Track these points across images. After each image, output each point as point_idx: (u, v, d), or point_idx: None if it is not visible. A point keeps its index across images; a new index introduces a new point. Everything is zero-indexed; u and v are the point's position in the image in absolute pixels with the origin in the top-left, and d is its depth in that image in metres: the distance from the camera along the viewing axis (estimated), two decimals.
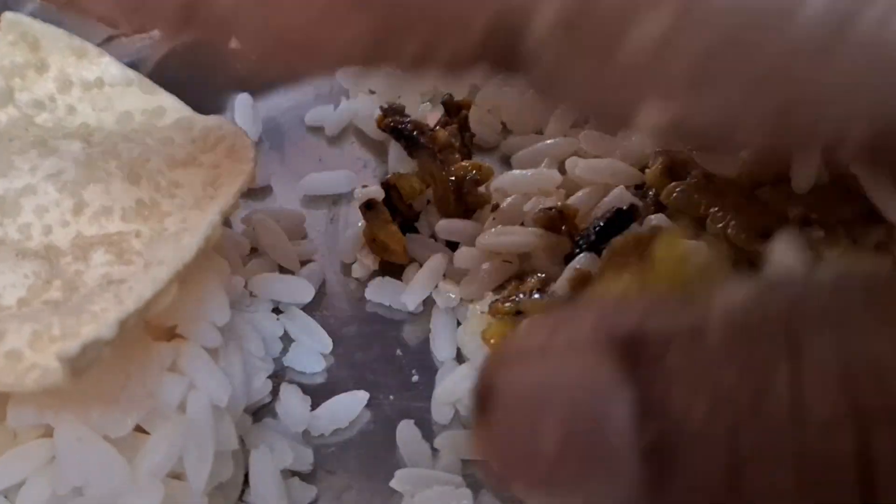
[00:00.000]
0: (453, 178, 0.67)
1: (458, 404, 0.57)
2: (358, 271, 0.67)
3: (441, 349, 0.61)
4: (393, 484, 0.54)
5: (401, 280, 0.66)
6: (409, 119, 0.72)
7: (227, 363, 0.54)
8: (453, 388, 0.57)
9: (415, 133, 0.69)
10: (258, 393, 0.58)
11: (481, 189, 0.69)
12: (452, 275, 0.65)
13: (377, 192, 0.68)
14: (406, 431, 0.57)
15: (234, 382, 0.53)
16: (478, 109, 0.77)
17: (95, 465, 0.47)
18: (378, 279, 0.66)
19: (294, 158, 0.77)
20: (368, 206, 0.67)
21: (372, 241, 0.67)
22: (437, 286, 0.63)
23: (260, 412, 0.59)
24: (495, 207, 0.67)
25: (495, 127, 0.77)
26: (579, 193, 0.65)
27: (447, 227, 0.66)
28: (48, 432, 0.48)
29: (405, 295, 0.63)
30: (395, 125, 0.70)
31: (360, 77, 0.80)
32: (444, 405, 0.58)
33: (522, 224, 0.64)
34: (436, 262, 0.64)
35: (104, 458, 0.47)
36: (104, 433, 0.47)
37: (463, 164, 0.68)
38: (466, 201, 0.68)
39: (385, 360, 0.63)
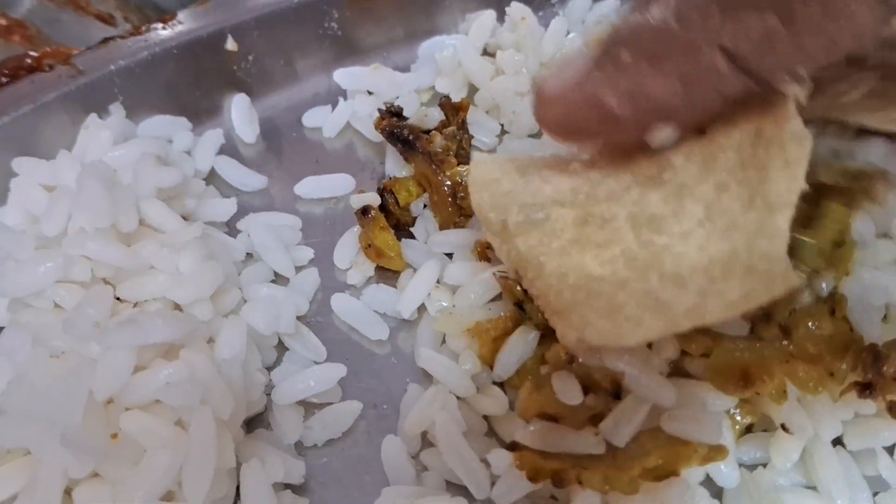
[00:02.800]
0: (449, 183, 0.67)
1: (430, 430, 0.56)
2: (354, 277, 0.67)
3: (421, 356, 0.60)
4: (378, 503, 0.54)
5: (396, 287, 0.65)
6: (406, 123, 0.71)
7: (230, 376, 0.54)
8: (420, 418, 0.56)
9: (411, 137, 0.68)
10: (255, 406, 0.58)
11: None
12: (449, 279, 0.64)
13: (373, 199, 0.68)
14: (390, 447, 0.56)
15: (235, 395, 0.53)
16: (476, 111, 0.76)
17: None
18: (373, 286, 0.66)
19: (291, 160, 0.77)
20: (364, 213, 0.67)
21: (367, 247, 0.67)
22: (429, 294, 0.63)
23: (253, 423, 0.58)
24: None
25: (493, 129, 0.76)
26: None
27: (442, 239, 0.65)
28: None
29: (400, 303, 0.63)
30: (392, 129, 0.69)
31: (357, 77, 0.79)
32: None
33: None
34: (429, 269, 0.63)
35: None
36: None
37: (458, 168, 0.68)
38: (462, 206, 0.68)
39: (380, 369, 0.62)
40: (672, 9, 0.41)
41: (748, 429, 0.55)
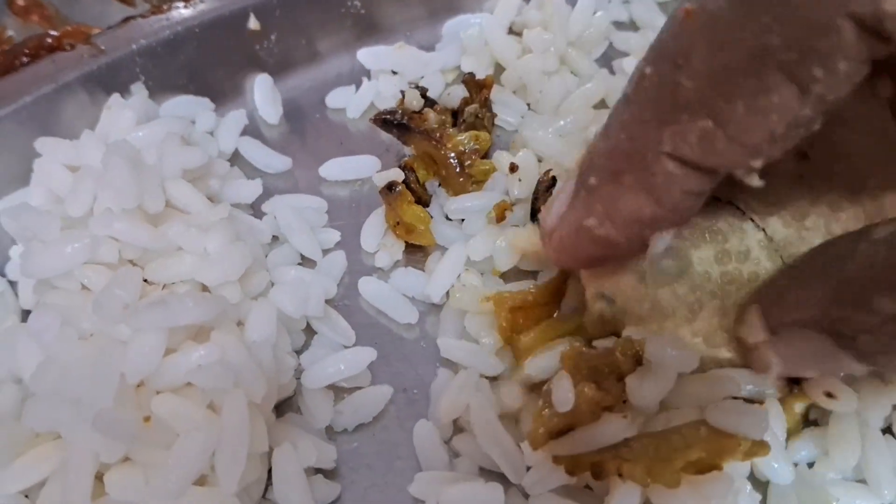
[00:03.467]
0: (453, 155, 0.66)
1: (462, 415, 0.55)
2: (382, 260, 0.66)
3: (442, 346, 0.59)
4: (411, 490, 0.53)
5: (423, 270, 0.64)
6: (395, 108, 0.70)
7: (261, 358, 0.53)
8: (452, 403, 0.55)
9: (405, 120, 0.68)
10: (285, 389, 0.57)
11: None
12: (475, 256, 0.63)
13: (396, 175, 0.67)
14: (422, 432, 0.55)
15: (267, 378, 0.52)
16: (502, 90, 0.75)
17: None
18: (401, 269, 0.65)
19: (315, 141, 0.75)
20: (390, 189, 0.66)
21: (396, 225, 0.66)
22: (459, 276, 0.61)
23: (282, 407, 0.58)
24: (514, 168, 0.66)
25: (520, 109, 0.74)
26: None
27: (457, 206, 0.65)
28: None
29: (429, 286, 0.62)
30: (384, 117, 0.69)
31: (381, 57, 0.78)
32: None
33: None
34: (457, 251, 0.62)
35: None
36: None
37: (459, 138, 0.67)
38: (471, 173, 0.67)
39: (409, 354, 0.61)
40: (624, 127, 0.44)
41: (806, 421, 0.54)
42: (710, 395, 0.49)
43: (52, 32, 0.74)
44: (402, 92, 0.72)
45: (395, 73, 0.78)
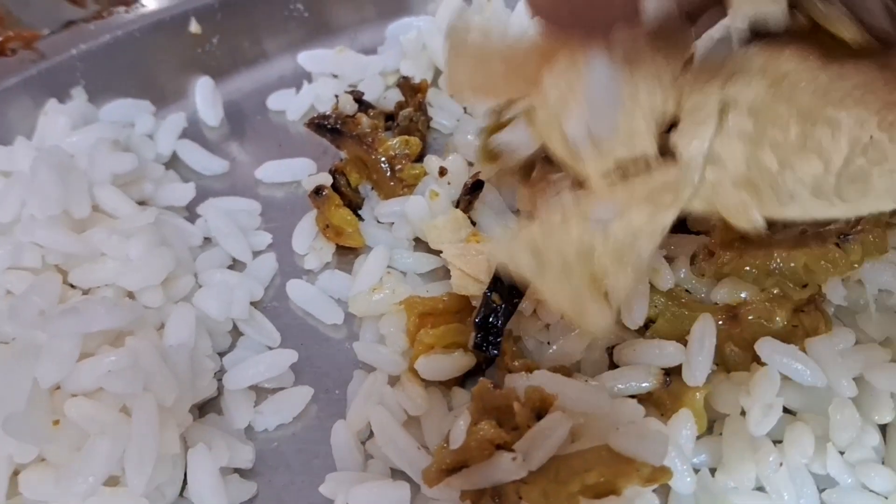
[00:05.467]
0: (384, 159, 0.68)
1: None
2: (311, 262, 0.67)
3: (357, 348, 0.61)
4: (322, 489, 0.54)
5: (351, 273, 0.66)
6: (328, 113, 0.71)
7: (175, 362, 0.54)
8: (363, 407, 0.57)
9: (338, 125, 0.69)
10: (204, 391, 0.58)
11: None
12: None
13: (325, 179, 0.68)
14: (339, 433, 0.57)
15: (180, 381, 0.53)
16: (440, 94, 0.76)
17: None
18: (328, 272, 0.66)
19: (254, 143, 0.77)
20: (317, 192, 0.67)
21: (326, 228, 0.67)
22: (381, 279, 0.63)
23: (205, 407, 0.59)
24: (443, 172, 0.67)
25: (455, 112, 0.76)
26: None
27: (387, 209, 0.66)
28: None
29: (353, 289, 0.63)
30: (318, 122, 0.70)
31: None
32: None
33: None
34: (380, 253, 0.64)
35: None
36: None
37: (390, 143, 0.68)
38: (401, 178, 0.68)
39: (334, 354, 0.63)
40: None
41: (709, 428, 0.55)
42: (614, 419, 0.50)
43: None
44: (336, 96, 0.73)
45: (335, 76, 0.79)
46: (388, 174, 0.68)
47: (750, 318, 0.54)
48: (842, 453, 0.52)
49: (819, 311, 0.55)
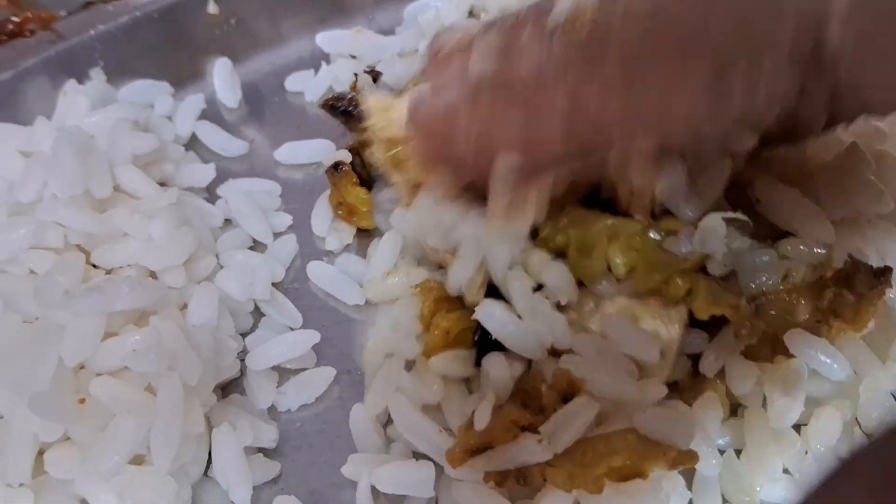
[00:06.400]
0: None
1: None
2: (331, 243, 0.67)
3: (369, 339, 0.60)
4: (344, 470, 0.54)
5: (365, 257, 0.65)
6: (344, 95, 0.71)
7: (199, 342, 0.54)
8: (380, 393, 0.56)
9: (350, 109, 0.68)
10: (227, 371, 0.58)
11: None
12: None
13: (344, 156, 0.67)
14: (358, 417, 0.57)
15: (204, 361, 0.53)
16: None
17: None
18: (345, 255, 0.66)
19: (273, 125, 0.76)
20: (336, 168, 0.66)
21: (339, 205, 0.67)
22: (395, 264, 0.62)
23: (228, 388, 0.59)
24: None
25: None
26: None
27: (391, 194, 0.65)
28: None
29: (367, 274, 0.63)
30: (332, 103, 0.70)
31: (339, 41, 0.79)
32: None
33: None
34: (392, 238, 0.63)
35: None
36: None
37: None
38: None
39: (355, 335, 0.62)
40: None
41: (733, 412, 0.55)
42: (640, 403, 0.49)
43: (14, 18, 0.75)
44: (356, 75, 0.73)
45: (353, 57, 0.78)
46: None
47: (772, 312, 0.53)
48: (868, 436, 0.52)
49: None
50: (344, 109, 0.69)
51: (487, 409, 0.50)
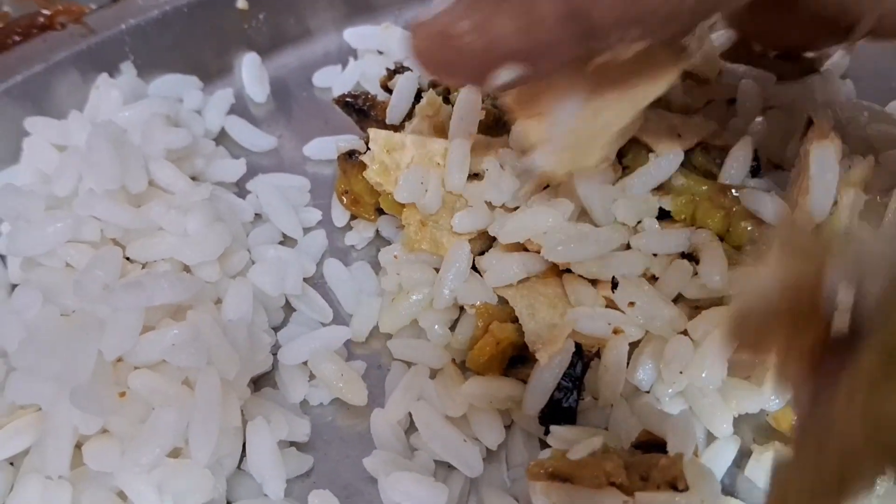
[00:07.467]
0: None
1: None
2: (353, 238, 0.67)
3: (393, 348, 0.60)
4: (365, 462, 0.54)
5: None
6: (359, 92, 0.71)
7: (235, 336, 0.55)
8: (400, 401, 0.57)
9: (365, 107, 0.69)
10: (261, 365, 0.59)
11: None
12: None
13: (359, 145, 0.67)
14: (379, 423, 0.57)
15: (241, 355, 0.53)
16: None
17: None
18: (367, 248, 0.66)
19: (301, 120, 0.77)
20: (350, 156, 0.66)
21: (344, 193, 0.67)
22: (399, 284, 0.62)
23: (260, 382, 0.60)
24: None
25: None
26: None
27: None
28: None
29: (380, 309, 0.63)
30: (346, 100, 0.70)
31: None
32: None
33: None
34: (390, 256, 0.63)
35: None
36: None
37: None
38: None
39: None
40: None
41: None
42: None
43: (45, 11, 0.75)
44: (388, 70, 0.73)
45: (380, 53, 0.79)
46: None
47: None
48: None
49: None
50: (359, 107, 0.69)
51: (589, 446, 0.49)
